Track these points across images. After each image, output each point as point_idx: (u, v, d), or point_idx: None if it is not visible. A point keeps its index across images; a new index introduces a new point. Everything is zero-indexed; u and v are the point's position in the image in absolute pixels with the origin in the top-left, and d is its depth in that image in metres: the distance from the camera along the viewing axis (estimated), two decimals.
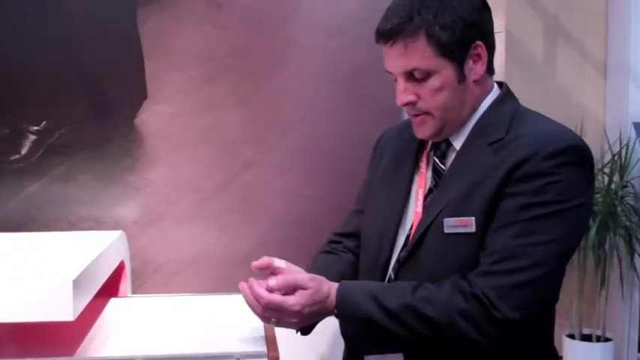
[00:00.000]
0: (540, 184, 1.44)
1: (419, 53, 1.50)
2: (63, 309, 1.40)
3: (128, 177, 2.45)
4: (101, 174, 2.48)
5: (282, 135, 2.60)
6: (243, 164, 2.56)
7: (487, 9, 1.56)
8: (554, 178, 1.44)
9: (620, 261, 3.04)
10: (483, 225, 1.47)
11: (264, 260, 1.52)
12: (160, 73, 2.55)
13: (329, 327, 1.61)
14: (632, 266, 3.07)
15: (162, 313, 1.94)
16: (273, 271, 1.51)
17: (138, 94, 2.53)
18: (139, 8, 2.53)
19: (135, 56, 2.52)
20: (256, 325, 1.72)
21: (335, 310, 1.47)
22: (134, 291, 2.37)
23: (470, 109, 1.57)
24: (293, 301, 1.44)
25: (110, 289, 2.19)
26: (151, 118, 2.54)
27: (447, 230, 1.49)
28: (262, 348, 1.53)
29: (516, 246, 1.43)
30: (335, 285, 1.48)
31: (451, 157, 1.58)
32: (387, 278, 1.59)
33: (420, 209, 1.57)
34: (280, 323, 1.48)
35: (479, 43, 1.52)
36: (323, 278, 1.50)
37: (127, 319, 1.85)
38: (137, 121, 2.53)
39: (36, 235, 2.13)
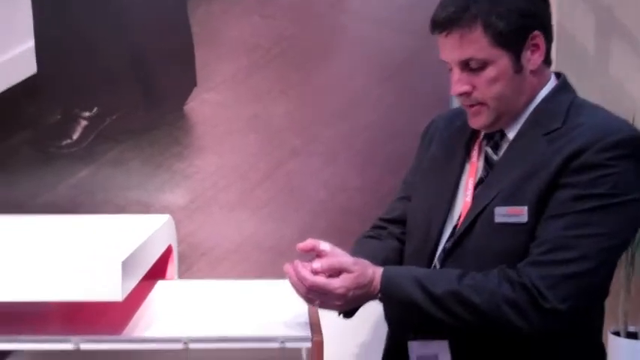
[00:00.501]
0: (595, 175, 1.42)
1: (475, 43, 1.49)
2: (112, 289, 1.43)
3: (177, 163, 2.48)
4: (150, 160, 2.51)
5: (328, 125, 2.61)
6: (289, 153, 2.58)
7: None
8: (609, 171, 1.42)
9: None
10: (535, 215, 1.46)
11: (309, 242, 1.54)
12: (209, 62, 2.57)
13: (372, 312, 1.62)
14: None
15: (207, 296, 1.97)
16: (317, 254, 1.53)
17: (188, 82, 2.56)
18: None
19: (186, 44, 2.55)
20: (300, 310, 1.74)
21: (379, 294, 1.48)
22: (180, 275, 2.40)
23: (526, 100, 1.55)
24: (337, 283, 1.46)
25: (157, 272, 2.23)
26: (200, 106, 2.57)
27: (497, 219, 1.49)
28: (306, 332, 1.54)
29: (567, 237, 1.42)
30: (379, 269, 1.49)
31: (504, 147, 1.57)
32: (432, 267, 1.59)
33: (469, 198, 1.57)
34: (324, 305, 1.50)
35: (537, 32, 1.51)
36: (367, 262, 1.51)
37: (173, 302, 1.88)
38: (186, 108, 2.56)
39: (86, 218, 2.17)
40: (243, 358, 1.62)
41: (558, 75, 1.61)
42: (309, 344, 1.53)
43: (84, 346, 1.52)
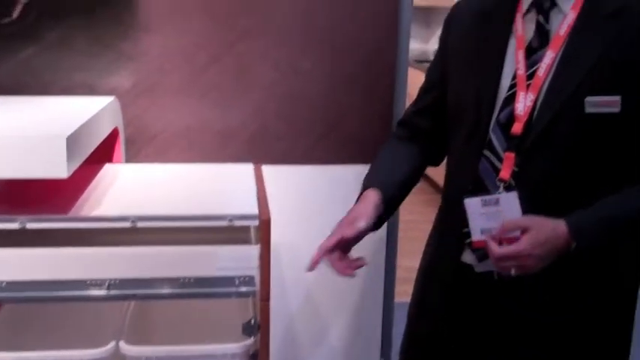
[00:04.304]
0: None
1: None
2: (57, 166, 1.41)
3: (121, 44, 2.40)
4: (95, 40, 2.43)
5: (280, 3, 2.53)
6: (239, 34, 2.51)
7: None
8: None
9: None
10: (631, 105, 1.42)
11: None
12: None
13: None
14: None
15: (156, 179, 1.97)
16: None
17: None
18: None
19: None
20: (249, 191, 1.75)
21: (573, 248, 1.47)
22: (128, 160, 2.38)
23: None
24: (523, 246, 1.45)
25: (104, 156, 2.21)
26: None
27: (588, 110, 1.43)
28: (254, 210, 1.56)
29: None
30: (559, 222, 1.47)
31: (555, 18, 1.51)
32: (487, 139, 1.57)
33: (522, 71, 1.51)
34: (521, 270, 1.49)
35: None
36: (540, 217, 1.48)
37: (121, 184, 1.87)
38: None
39: (29, 99, 2.12)
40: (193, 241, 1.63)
41: None
42: (256, 222, 1.55)
43: (30, 226, 1.51)
